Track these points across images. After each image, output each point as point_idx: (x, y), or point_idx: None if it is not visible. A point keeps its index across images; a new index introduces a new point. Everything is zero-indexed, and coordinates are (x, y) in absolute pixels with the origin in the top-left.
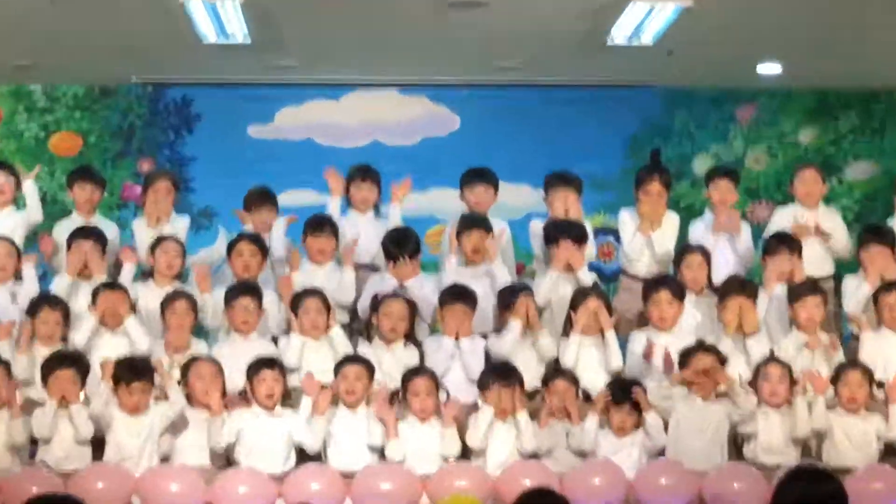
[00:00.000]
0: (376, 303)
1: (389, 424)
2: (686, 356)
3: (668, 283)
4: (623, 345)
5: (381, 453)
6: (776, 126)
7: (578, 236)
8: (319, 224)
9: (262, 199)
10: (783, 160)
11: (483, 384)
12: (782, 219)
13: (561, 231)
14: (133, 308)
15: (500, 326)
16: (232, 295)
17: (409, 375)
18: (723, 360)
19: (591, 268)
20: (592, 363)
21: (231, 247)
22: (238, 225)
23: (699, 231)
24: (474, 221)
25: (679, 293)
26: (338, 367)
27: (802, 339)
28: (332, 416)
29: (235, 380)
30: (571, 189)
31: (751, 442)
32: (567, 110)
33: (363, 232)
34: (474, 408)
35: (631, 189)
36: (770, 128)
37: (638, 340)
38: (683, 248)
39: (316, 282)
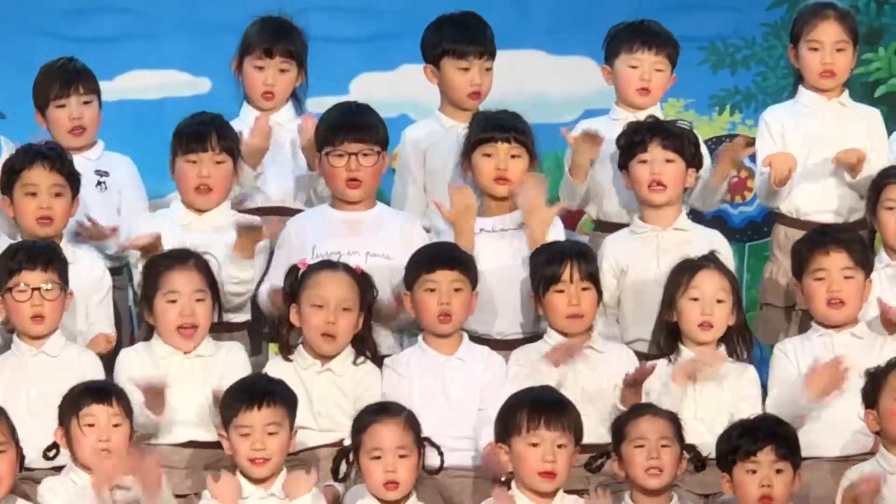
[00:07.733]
0: (295, 280)
1: None
2: (877, 381)
3: (843, 237)
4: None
5: None
6: None
7: (683, 145)
8: (199, 133)
9: (70, 82)
10: None
11: (505, 430)
12: None
13: (651, 133)
14: None
15: (531, 331)
16: (12, 267)
17: (367, 418)
18: None
19: (709, 214)
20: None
21: (9, 172)
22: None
23: None
24: (503, 126)
25: (861, 257)
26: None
27: None
28: None
29: (31, 428)
30: (659, 54)
31: None
32: None
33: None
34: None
35: (781, 61)
36: None
37: (788, 359)
38: (884, 173)
39: (190, 238)
